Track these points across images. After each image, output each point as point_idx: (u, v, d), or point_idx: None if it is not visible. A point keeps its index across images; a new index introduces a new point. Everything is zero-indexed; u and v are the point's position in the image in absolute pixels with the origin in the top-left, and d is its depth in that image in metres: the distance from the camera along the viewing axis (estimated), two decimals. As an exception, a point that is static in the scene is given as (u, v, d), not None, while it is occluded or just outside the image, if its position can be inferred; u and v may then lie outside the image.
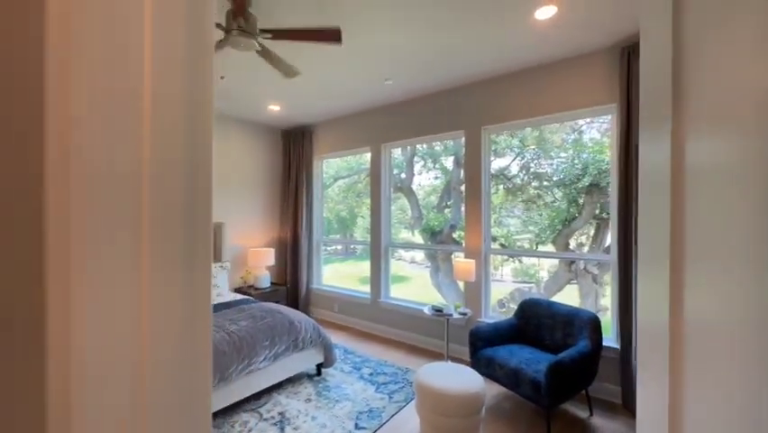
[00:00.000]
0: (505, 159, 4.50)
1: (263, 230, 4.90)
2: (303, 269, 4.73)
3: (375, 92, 3.59)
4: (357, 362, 3.29)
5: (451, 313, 3.05)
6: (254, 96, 3.69)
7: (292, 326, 2.79)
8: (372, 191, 4.20)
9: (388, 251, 4.15)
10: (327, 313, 4.66)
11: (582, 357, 2.18)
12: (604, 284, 4.59)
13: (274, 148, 5.06)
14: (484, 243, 3.31)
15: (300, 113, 4.32)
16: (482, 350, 2.57)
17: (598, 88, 2.69)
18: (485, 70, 3.06)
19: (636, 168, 2.42)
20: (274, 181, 5.06)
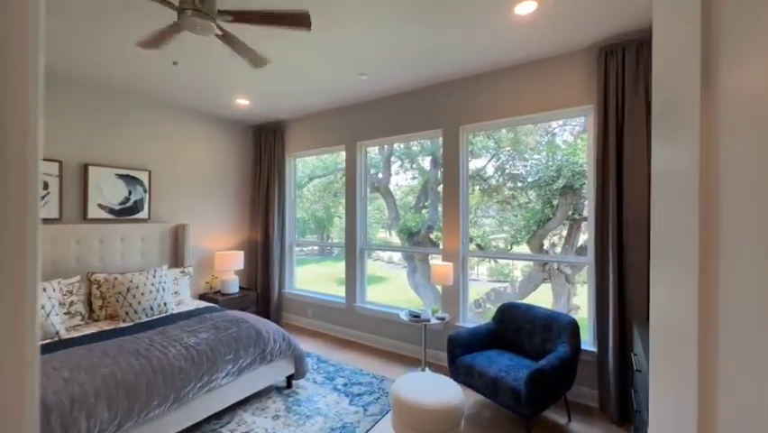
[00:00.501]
0: (481, 160, 4.54)
1: (232, 232, 4.62)
2: (274, 272, 4.50)
3: (350, 88, 3.43)
4: (331, 371, 3.12)
5: (428, 318, 2.95)
6: (220, 88, 3.43)
7: (259, 336, 2.59)
8: (347, 191, 4.03)
9: (363, 253, 4.00)
10: (300, 319, 4.45)
11: (562, 364, 2.12)
12: (575, 283, 4.69)
13: (244, 145, 4.78)
14: (462, 245, 3.23)
15: (271, 108, 4.09)
16: (461, 357, 2.47)
17: (575, 89, 2.66)
18: (464, 68, 2.98)
19: (618, 167, 2.40)
20: (244, 180, 4.79)
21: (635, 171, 2.33)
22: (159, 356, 2.08)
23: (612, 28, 2.36)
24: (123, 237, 3.42)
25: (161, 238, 3.72)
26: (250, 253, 4.78)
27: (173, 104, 3.89)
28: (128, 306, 2.78)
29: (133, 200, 3.59)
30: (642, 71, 2.32)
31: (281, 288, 4.59)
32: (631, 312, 2.34)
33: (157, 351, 2.14)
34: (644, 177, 2.30)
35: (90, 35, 2.43)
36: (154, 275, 3.05)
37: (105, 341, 2.26)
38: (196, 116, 4.19)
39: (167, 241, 3.77)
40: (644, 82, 2.32)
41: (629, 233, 2.36)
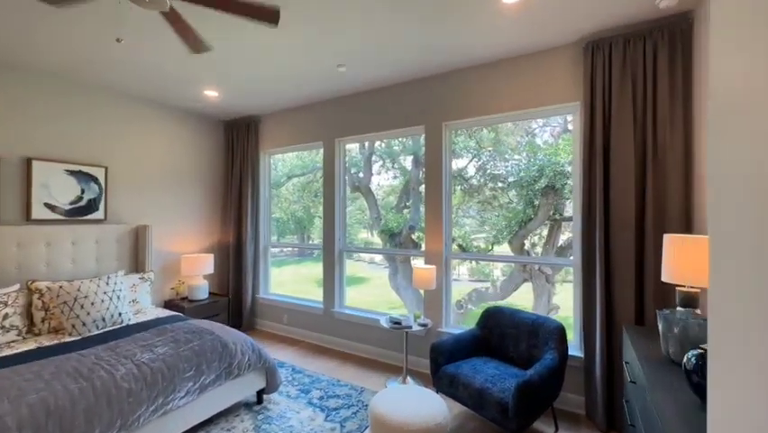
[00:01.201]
0: (462, 160, 4.52)
1: (202, 233, 4.32)
2: (248, 276, 4.23)
3: (328, 80, 3.23)
4: (306, 383, 2.92)
5: (410, 325, 2.79)
6: (184, 77, 3.15)
7: (226, 349, 2.35)
8: (325, 190, 3.83)
9: (342, 256, 3.80)
10: (275, 325, 4.20)
11: (551, 373, 2.01)
12: (555, 283, 4.69)
13: (215, 141, 4.48)
14: (445, 246, 3.09)
15: (244, 102, 3.83)
16: (444, 367, 2.33)
17: (562, 86, 2.57)
18: (447, 62, 2.84)
19: (606, 166, 2.32)
20: (215, 178, 4.49)
21: (622, 171, 2.26)
22: (104, 377, 1.82)
23: (599, 22, 2.27)
24: (75, 240, 3.09)
25: (119, 241, 3.40)
26: (221, 256, 4.49)
27: (133, 94, 3.57)
28: (75, 317, 2.48)
29: (87, 199, 3.25)
30: (629, 67, 2.25)
31: (255, 293, 4.33)
32: (618, 316, 2.26)
33: (102, 370, 1.88)
34: (632, 176, 2.22)
35: (28, 13, 2.13)
36: (107, 282, 2.75)
37: (42, 360, 1.97)
38: (160, 108, 3.87)
39: (126, 244, 3.44)
40: (630, 79, 2.24)
41: (616, 233, 2.28)
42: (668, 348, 1.49)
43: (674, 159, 2.12)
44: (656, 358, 1.53)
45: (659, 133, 2.17)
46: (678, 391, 1.24)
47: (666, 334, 1.49)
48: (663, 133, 2.15)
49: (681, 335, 1.42)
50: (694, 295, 1.65)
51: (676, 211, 2.11)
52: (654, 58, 2.18)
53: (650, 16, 2.19)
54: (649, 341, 1.74)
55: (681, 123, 2.11)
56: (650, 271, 2.17)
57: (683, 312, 1.53)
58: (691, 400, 1.18)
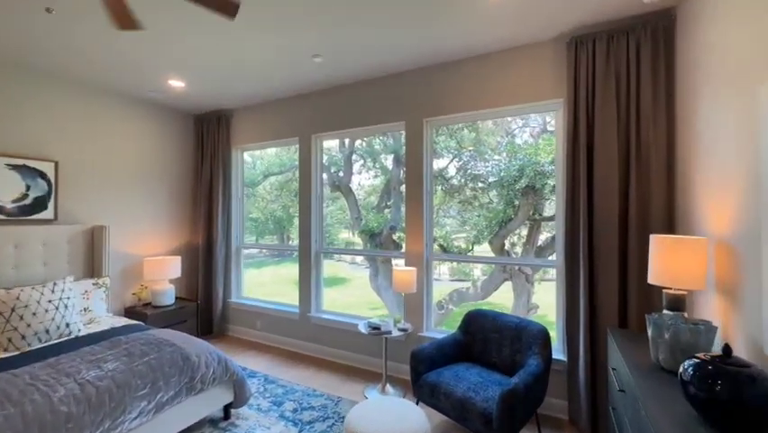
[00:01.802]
0: (443, 160, 4.51)
1: (168, 234, 4.03)
2: (218, 280, 3.98)
3: (303, 72, 3.05)
4: (279, 394, 2.73)
5: (389, 330, 2.66)
6: (142, 63, 2.89)
7: (187, 362, 2.14)
8: (301, 189, 3.64)
9: (319, 257, 3.63)
10: (248, 331, 3.97)
11: (536, 380, 1.92)
12: (535, 283, 4.72)
13: (184, 136, 4.20)
14: (426, 247, 2.98)
15: (214, 94, 3.58)
16: (425, 375, 2.20)
17: (545, 82, 2.50)
18: (427, 56, 2.72)
19: (589, 165, 2.25)
20: (184, 176, 4.21)
21: (606, 169, 2.20)
22: (37, 401, 1.59)
23: (582, 17, 2.21)
24: (18, 243, 2.77)
25: (72, 243, 3.09)
26: (190, 258, 4.21)
27: (86, 82, 3.26)
28: (11, 330, 2.20)
29: (33, 197, 2.94)
30: (612, 64, 2.20)
31: (226, 297, 4.08)
32: (602, 318, 2.21)
33: (37, 393, 1.64)
34: (616, 175, 2.17)
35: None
36: (53, 289, 2.47)
37: (-34, 382, 1.71)
38: (120, 99, 3.57)
39: (79, 246, 3.14)
40: (614, 75, 2.19)
41: (600, 233, 2.22)
42: (658, 355, 1.42)
43: (657, 157, 2.08)
44: (646, 365, 1.46)
45: (642, 131, 2.13)
46: (674, 403, 1.16)
47: (656, 339, 1.42)
48: (647, 130, 2.11)
49: (671, 340, 1.35)
50: (681, 297, 1.60)
51: (659, 211, 2.07)
52: (638, 54, 2.14)
53: (633, 12, 2.15)
54: (635, 346, 1.68)
55: (663, 121, 2.07)
56: (633, 272, 2.13)
57: (673, 316, 1.47)
58: (688, 413, 1.10)
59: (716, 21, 1.59)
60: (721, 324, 1.49)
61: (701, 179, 1.73)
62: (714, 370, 1.03)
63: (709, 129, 1.65)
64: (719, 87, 1.54)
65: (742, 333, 1.33)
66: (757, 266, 1.22)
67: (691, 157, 1.85)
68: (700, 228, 1.72)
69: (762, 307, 1.18)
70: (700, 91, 1.74)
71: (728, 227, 1.46)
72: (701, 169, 1.73)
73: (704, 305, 1.69)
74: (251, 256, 10.18)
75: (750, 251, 1.28)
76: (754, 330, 1.24)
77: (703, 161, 1.71)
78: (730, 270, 1.43)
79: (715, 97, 1.59)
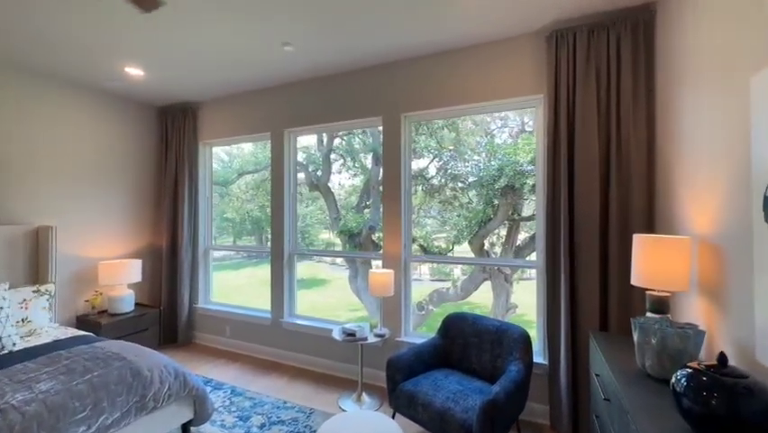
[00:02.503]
0: (423, 160, 4.47)
1: (127, 235, 3.72)
2: (184, 284, 3.72)
3: (273, 62, 2.86)
4: (246, 408, 2.53)
5: (365, 336, 2.51)
6: (94, 48, 2.62)
7: (138, 378, 1.92)
8: (273, 187, 3.44)
9: (293, 260, 3.44)
10: (217, 339, 3.73)
11: (517, 387, 1.83)
12: (513, 282, 4.74)
13: (146, 129, 3.90)
14: (404, 248, 2.85)
15: (177, 84, 3.32)
16: (402, 384, 2.07)
17: (525, 77, 2.43)
18: (405, 47, 2.59)
19: (570, 163, 2.19)
20: (146, 172, 3.91)
21: (587, 167, 2.14)
22: (-56, 433, 1.35)
23: (562, 10, 2.14)
24: (-55, 246, 2.45)
25: (10, 246, 2.77)
26: (152, 261, 3.92)
27: (25, 65, 2.93)
28: (-73, 347, 1.91)
29: (-36, 194, 2.61)
30: (593, 59, 2.14)
31: (193, 302, 3.82)
32: (583, 321, 2.15)
33: (-54, 423, 1.39)
34: (597, 173, 2.12)
35: None
36: (-18, 299, 2.18)
37: None
38: (70, 86, 3.25)
39: (19, 250, 2.82)
40: (594, 71, 2.14)
41: (581, 233, 2.16)
42: (644, 361, 1.34)
43: (638, 155, 2.04)
44: (631, 372, 1.39)
45: (623, 129, 2.08)
46: (665, 416, 1.07)
47: (642, 345, 1.34)
48: (627, 128, 2.07)
49: (659, 346, 1.28)
50: (665, 299, 1.54)
51: (640, 210, 2.03)
52: (618, 50, 2.09)
53: (613, 6, 2.10)
54: (619, 350, 1.61)
55: (644, 118, 2.03)
56: (614, 273, 2.07)
57: (659, 320, 1.40)
58: (682, 428, 1.01)
59: (699, 12, 1.54)
60: (706, 327, 1.44)
61: (683, 177, 1.68)
62: (709, 381, 0.95)
63: (693, 125, 1.60)
64: (704, 81, 1.49)
65: (729, 337, 1.27)
66: (747, 266, 1.16)
67: (672, 154, 1.81)
68: (683, 227, 1.68)
69: (753, 309, 1.12)
70: (683, 87, 1.69)
71: (713, 226, 1.40)
72: (683, 166, 1.68)
73: (687, 307, 1.64)
74: (229, 258, 9.81)
75: (738, 250, 1.22)
76: (744, 335, 1.18)
77: (685, 158, 1.66)
78: (715, 270, 1.38)
79: (699, 93, 1.54)
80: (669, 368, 1.26)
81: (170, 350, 3.62)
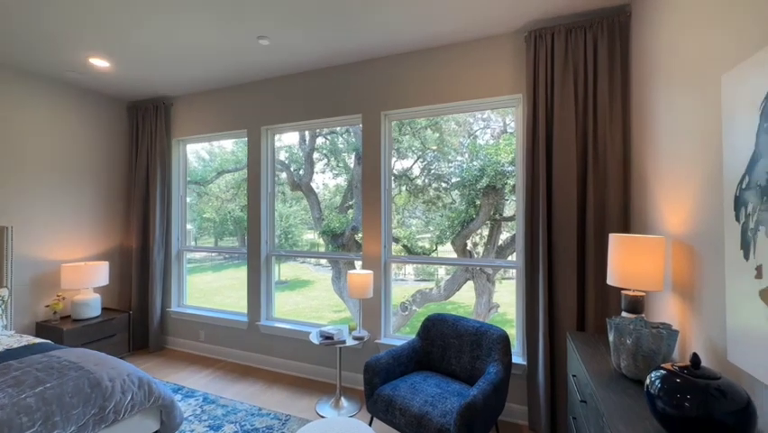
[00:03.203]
0: (408, 160, 4.46)
1: (94, 237, 3.53)
2: (156, 287, 3.55)
3: (250, 57, 2.76)
4: (218, 416, 2.42)
5: (343, 339, 2.45)
6: (55, 36, 2.46)
7: (97, 389, 1.80)
8: (249, 185, 3.33)
9: (270, 261, 3.33)
10: (190, 344, 3.58)
11: (495, 388, 1.80)
12: (495, 282, 4.78)
13: (115, 125, 3.71)
14: (384, 249, 2.80)
15: (148, 78, 3.17)
16: (380, 388, 2.02)
17: (504, 76, 2.42)
18: (385, 43, 2.54)
19: (548, 163, 2.18)
20: (115, 169, 3.72)
21: (564, 166, 2.14)
22: None
23: (540, 10, 2.14)
24: None
25: (-39, 248, 2.57)
26: (122, 263, 3.73)
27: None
28: None
29: None
30: (571, 59, 2.14)
31: (165, 306, 3.66)
32: (561, 321, 2.15)
33: None
34: (574, 172, 2.12)
35: None
36: (-77, 306, 2.00)
37: None
38: (28, 77, 3.05)
39: (-29, 251, 2.62)
40: (572, 71, 2.14)
41: (559, 233, 2.16)
42: (619, 361, 1.33)
43: (614, 154, 2.05)
44: (606, 372, 1.37)
45: (599, 129, 2.09)
46: (640, 418, 1.05)
47: (617, 345, 1.33)
48: (604, 128, 2.08)
49: (633, 346, 1.27)
50: (640, 299, 1.54)
51: (616, 210, 2.04)
52: (595, 50, 2.10)
53: (590, 7, 2.11)
54: (594, 351, 1.60)
55: (620, 118, 2.05)
56: (591, 273, 2.08)
57: (633, 320, 1.39)
58: (656, 430, 0.99)
59: (671, 13, 1.55)
60: (680, 327, 1.44)
61: (657, 177, 1.69)
62: (683, 383, 0.93)
63: (666, 124, 1.61)
64: (677, 81, 1.50)
65: (702, 337, 1.28)
66: (719, 266, 1.16)
67: (646, 154, 1.82)
68: (657, 227, 1.69)
69: (725, 310, 1.12)
70: (657, 87, 1.70)
71: (686, 226, 1.41)
72: (657, 166, 1.69)
73: (660, 306, 1.64)
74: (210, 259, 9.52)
75: (710, 251, 1.22)
76: (716, 334, 1.18)
77: (659, 157, 1.67)
78: (688, 270, 1.38)
79: (672, 92, 1.55)
80: (643, 368, 1.26)
81: (141, 357, 3.45)
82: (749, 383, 1.01)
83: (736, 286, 1.04)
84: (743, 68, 1.03)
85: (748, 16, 1.03)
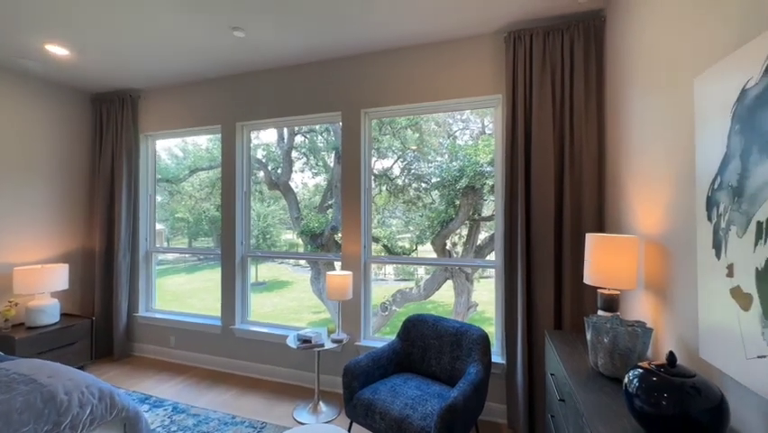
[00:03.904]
0: (388, 160, 4.46)
1: (52, 238, 3.29)
2: (122, 291, 3.35)
3: (224, 49, 2.64)
4: (189, 427, 2.30)
5: (322, 343, 2.38)
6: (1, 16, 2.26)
7: (51, 403, 1.65)
8: (224, 184, 3.20)
9: (246, 262, 3.21)
10: (160, 350, 3.40)
11: (475, 389, 1.79)
12: (474, 280, 4.84)
13: (77, 118, 3.48)
14: (364, 249, 2.75)
15: (114, 67, 2.98)
16: (360, 392, 1.97)
17: (485, 76, 2.42)
18: (365, 40, 2.49)
19: (527, 163, 2.20)
20: (75, 166, 3.48)
21: (542, 167, 2.17)
22: None
23: (519, 12, 2.16)
24: None
25: None
26: (84, 266, 3.50)
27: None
28: None
29: None
30: (548, 61, 2.17)
31: (132, 311, 3.46)
32: (539, 320, 2.17)
33: None
34: (551, 173, 2.14)
35: None
36: None
37: None
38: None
39: None
40: (550, 72, 2.17)
41: (537, 233, 2.18)
42: (597, 360, 1.34)
43: (589, 154, 2.09)
44: (584, 371, 1.38)
45: (575, 130, 2.13)
46: (618, 417, 1.06)
47: (595, 343, 1.34)
48: (580, 129, 2.11)
49: (610, 345, 1.28)
50: (615, 297, 1.56)
51: (591, 210, 2.08)
52: (571, 52, 2.13)
53: (567, 11, 2.14)
54: (572, 349, 1.62)
55: (595, 119, 2.09)
56: (568, 272, 2.11)
57: (610, 319, 1.41)
58: (634, 428, 1.00)
59: (644, 18, 1.59)
60: (653, 324, 1.47)
61: (631, 177, 1.73)
62: (659, 381, 0.94)
63: (639, 127, 1.65)
64: (650, 83, 1.53)
65: (674, 334, 1.31)
66: (691, 266, 1.18)
67: (620, 155, 1.86)
68: (631, 227, 1.73)
69: (697, 308, 1.14)
70: (630, 89, 1.75)
71: (658, 226, 1.44)
72: (631, 166, 1.73)
73: (633, 305, 1.68)
74: (183, 260, 9.13)
75: (682, 250, 1.25)
76: (688, 332, 1.21)
77: (633, 159, 1.71)
78: (660, 269, 1.41)
79: (645, 95, 1.58)
80: (620, 366, 1.27)
81: (104, 365, 3.25)
82: (720, 380, 1.03)
83: (708, 284, 1.06)
84: (714, 71, 1.06)
85: (719, 20, 1.06)
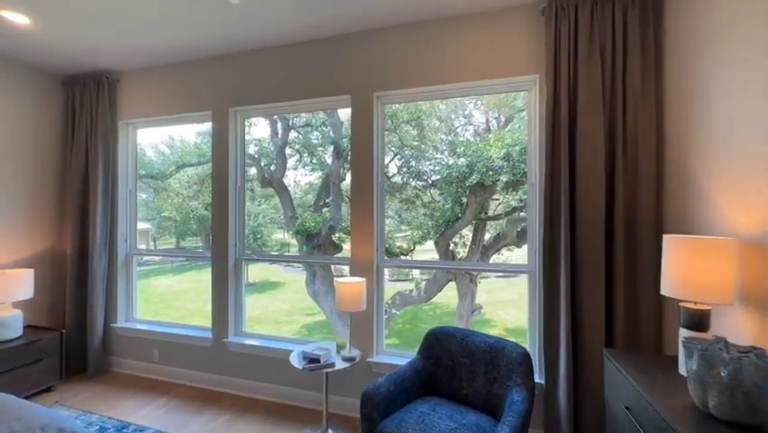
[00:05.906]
0: (385, 157, 4.27)
1: (14, 240, 2.88)
2: (97, 299, 2.95)
3: (216, 20, 2.27)
4: (174, 463, 1.94)
5: (331, 362, 2.05)
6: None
7: (-8, 453, 1.29)
8: (215, 179, 2.84)
9: (240, 266, 2.85)
10: (142, 365, 3.01)
11: (524, 422, 1.49)
12: (478, 283, 4.61)
13: (44, 103, 3.06)
14: (377, 252, 2.42)
15: (86, 43, 2.58)
16: (382, 423, 1.65)
17: (516, 55, 2.12)
18: (382, 11, 2.17)
19: (571, 153, 1.90)
20: (42, 158, 3.07)
21: (591, 160, 1.87)
22: None
23: (566, -25, 1.86)
24: None
25: None
26: (54, 271, 3.09)
27: None
28: None
29: None
30: (597, 34, 1.88)
31: (109, 321, 3.06)
32: (585, 335, 1.87)
33: None
34: (602, 166, 1.85)
35: None
36: None
37: None
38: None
39: None
40: (599, 49, 1.87)
41: (583, 232, 1.89)
42: (706, 398, 1.04)
43: (646, 142, 1.80)
44: (685, 410, 1.09)
45: (628, 112, 1.84)
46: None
47: (704, 377, 1.04)
48: (634, 111, 1.83)
49: (731, 380, 0.98)
50: (706, 314, 1.27)
51: (649, 205, 1.80)
52: (624, 23, 1.84)
53: (619, -24, 1.85)
54: (649, 378, 1.31)
55: (653, 100, 1.81)
56: (620, 279, 1.82)
57: (713, 343, 1.11)
58: None
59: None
60: (760, 347, 1.19)
61: (709, 168, 1.44)
62: None
63: (722, 111, 1.36)
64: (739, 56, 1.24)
65: (806, 364, 1.01)
66: None
67: (691, 141, 1.58)
68: (710, 227, 1.44)
69: None
70: (707, 60, 1.46)
71: (762, 225, 1.15)
72: (710, 154, 1.45)
73: (727, 322, 1.39)
74: (170, 261, 8.66)
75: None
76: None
77: (714, 144, 1.43)
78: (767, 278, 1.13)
79: (732, 70, 1.29)
80: (743, 410, 0.97)
81: (77, 384, 2.85)
82: None
83: None
84: None
85: None
